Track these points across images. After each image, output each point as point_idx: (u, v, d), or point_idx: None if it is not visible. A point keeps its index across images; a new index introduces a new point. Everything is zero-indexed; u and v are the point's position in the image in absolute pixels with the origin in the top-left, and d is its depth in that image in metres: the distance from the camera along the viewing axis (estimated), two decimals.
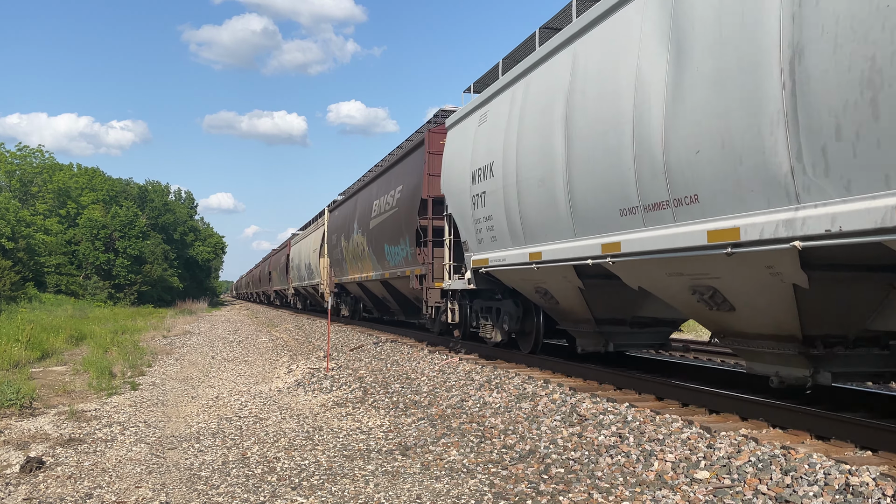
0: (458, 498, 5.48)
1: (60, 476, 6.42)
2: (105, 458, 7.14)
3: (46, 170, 59.33)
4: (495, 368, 10.72)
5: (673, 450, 5.89)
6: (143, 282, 55.54)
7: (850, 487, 4.57)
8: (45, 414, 9.50)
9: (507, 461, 6.45)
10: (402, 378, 11.47)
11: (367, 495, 5.60)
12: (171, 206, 71.40)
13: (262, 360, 16.71)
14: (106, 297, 50.77)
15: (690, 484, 5.22)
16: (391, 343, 16.38)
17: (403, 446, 7.25)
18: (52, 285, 47.88)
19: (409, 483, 5.93)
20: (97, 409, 9.89)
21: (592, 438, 6.65)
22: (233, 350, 19.67)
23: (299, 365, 14.77)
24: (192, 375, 13.93)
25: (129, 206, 57.37)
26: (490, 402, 8.77)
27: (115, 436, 8.19)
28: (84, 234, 52.43)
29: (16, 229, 42.17)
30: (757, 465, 5.22)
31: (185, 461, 6.95)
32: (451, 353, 13.16)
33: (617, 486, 5.45)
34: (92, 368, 13.32)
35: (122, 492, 5.92)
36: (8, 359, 14.18)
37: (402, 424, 8.35)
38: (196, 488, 5.96)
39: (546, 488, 5.58)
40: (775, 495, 4.71)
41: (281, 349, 19.38)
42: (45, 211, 55.47)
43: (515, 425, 7.60)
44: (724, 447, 5.66)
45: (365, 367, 13.37)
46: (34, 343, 16.88)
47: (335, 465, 6.61)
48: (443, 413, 8.68)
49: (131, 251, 53.71)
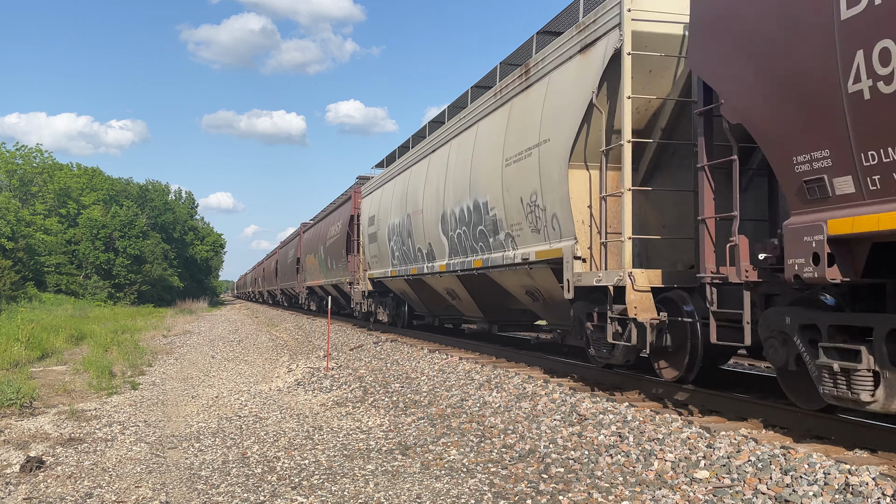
0: (458, 497, 5.48)
1: (60, 475, 6.42)
2: (105, 457, 7.15)
3: (47, 170, 59.30)
4: (495, 368, 10.73)
5: (673, 449, 5.89)
6: (143, 281, 55.57)
7: (849, 487, 4.57)
8: (45, 413, 9.51)
9: (506, 461, 6.45)
10: (401, 377, 11.48)
11: (367, 495, 5.61)
12: (171, 206, 71.41)
13: (262, 360, 16.71)
14: (106, 296, 50.78)
15: (690, 483, 5.22)
16: (391, 343, 16.39)
17: (403, 446, 7.26)
18: (52, 285, 47.91)
19: (409, 482, 5.93)
20: (97, 409, 9.89)
21: (592, 438, 6.65)
22: (233, 349, 19.67)
23: (299, 364, 14.78)
24: (192, 375, 13.93)
25: (129, 206, 57.37)
26: (490, 402, 8.77)
27: (115, 435, 8.19)
28: (84, 234, 52.44)
29: (16, 229, 42.18)
30: (757, 464, 5.22)
31: (185, 461, 6.95)
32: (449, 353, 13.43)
33: (617, 486, 5.45)
34: (92, 368, 13.32)
35: (122, 491, 5.93)
36: (8, 358, 14.18)
37: (401, 424, 8.35)
38: (196, 488, 5.97)
39: (546, 488, 5.59)
40: (775, 495, 4.72)
41: (281, 349, 19.39)
42: (44, 211, 55.45)
43: (515, 425, 7.60)
44: (723, 447, 5.67)
45: (365, 366, 13.37)
46: (34, 343, 16.87)
47: (335, 464, 6.62)
48: (443, 412, 8.68)
49: (131, 251, 53.71)
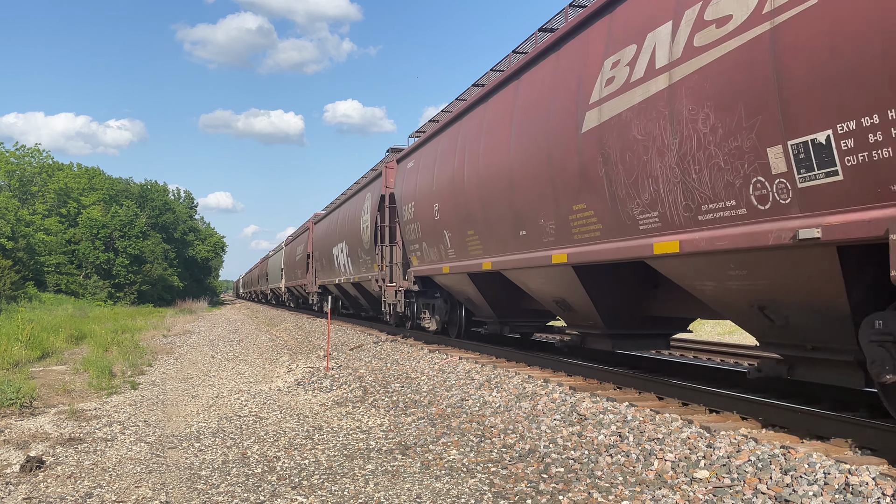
0: (458, 497, 5.48)
1: (60, 475, 6.42)
2: (105, 457, 7.14)
3: (46, 169, 59.29)
4: (495, 367, 10.73)
5: (673, 449, 5.89)
6: (143, 281, 55.59)
7: (849, 487, 4.57)
8: (45, 413, 9.50)
9: (506, 460, 6.45)
10: (401, 377, 11.47)
11: (366, 494, 5.61)
12: (171, 206, 71.39)
13: (262, 360, 16.70)
14: (106, 296, 50.80)
15: (690, 483, 5.22)
16: (391, 342, 16.38)
17: (403, 445, 7.25)
18: (52, 285, 47.91)
19: (409, 482, 5.93)
20: (97, 409, 9.89)
21: (592, 438, 6.65)
22: (233, 349, 19.66)
23: (299, 364, 14.78)
24: (192, 375, 13.93)
25: (129, 206, 57.36)
26: (490, 402, 8.77)
27: (115, 435, 8.19)
28: (84, 234, 52.44)
29: (15, 228, 42.18)
30: (757, 464, 5.22)
31: (185, 460, 6.95)
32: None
33: (617, 486, 5.45)
34: (92, 368, 13.32)
35: (122, 491, 5.92)
36: (8, 358, 14.18)
37: (401, 424, 8.35)
38: (196, 488, 5.97)
39: (546, 487, 5.59)
40: (775, 494, 4.72)
41: (281, 348, 19.38)
42: (44, 210, 55.43)
43: (515, 424, 7.60)
44: (723, 446, 5.66)
45: (365, 366, 13.37)
46: (34, 342, 16.87)
47: (335, 464, 6.62)
48: (443, 412, 8.68)
49: (131, 251, 53.73)
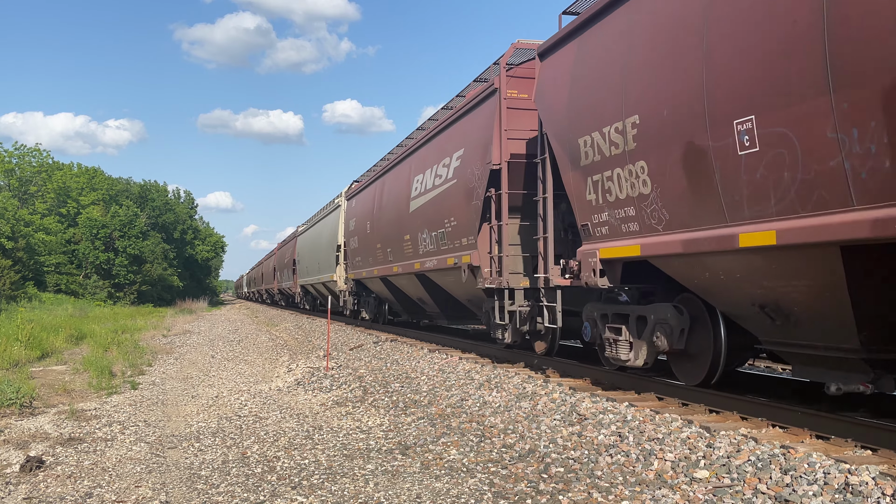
0: (458, 497, 5.48)
1: (60, 475, 6.42)
2: (105, 457, 7.14)
3: (46, 169, 59.26)
4: (495, 368, 10.72)
5: (672, 449, 5.89)
6: (143, 281, 55.56)
7: (849, 486, 4.57)
8: (45, 413, 9.50)
9: (506, 460, 6.45)
10: (401, 377, 11.47)
11: (366, 494, 5.61)
12: (171, 206, 71.36)
13: (262, 360, 16.70)
14: (106, 296, 50.77)
15: (690, 483, 5.22)
16: (391, 342, 16.38)
17: (403, 445, 7.25)
18: (51, 284, 47.89)
19: (409, 482, 5.93)
20: (97, 409, 9.89)
21: (592, 438, 6.65)
22: (233, 349, 19.66)
23: (299, 364, 14.78)
24: (192, 374, 13.93)
25: (129, 206, 57.34)
26: (490, 402, 8.77)
27: (115, 435, 8.19)
28: (84, 234, 52.41)
29: (15, 228, 42.16)
30: (756, 464, 5.22)
31: (185, 460, 6.95)
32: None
33: (616, 486, 5.45)
34: (92, 368, 13.32)
35: (121, 491, 5.92)
36: (8, 358, 14.17)
37: (401, 424, 8.35)
38: (196, 487, 5.97)
39: (546, 487, 5.59)
40: (775, 494, 4.72)
41: (281, 348, 19.38)
42: (44, 210, 55.41)
43: (515, 424, 7.60)
44: (723, 446, 5.67)
45: (365, 366, 13.37)
46: (34, 342, 16.86)
47: (335, 464, 6.62)
48: (442, 412, 8.68)
49: (131, 250, 53.69)
